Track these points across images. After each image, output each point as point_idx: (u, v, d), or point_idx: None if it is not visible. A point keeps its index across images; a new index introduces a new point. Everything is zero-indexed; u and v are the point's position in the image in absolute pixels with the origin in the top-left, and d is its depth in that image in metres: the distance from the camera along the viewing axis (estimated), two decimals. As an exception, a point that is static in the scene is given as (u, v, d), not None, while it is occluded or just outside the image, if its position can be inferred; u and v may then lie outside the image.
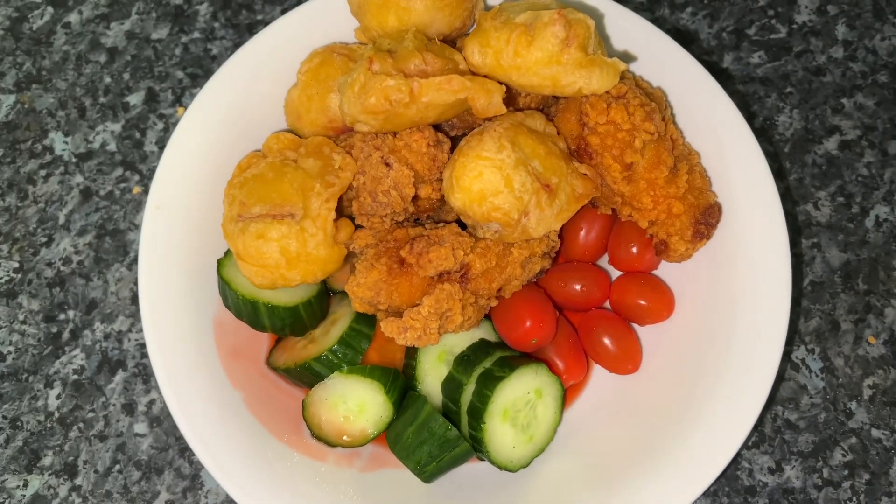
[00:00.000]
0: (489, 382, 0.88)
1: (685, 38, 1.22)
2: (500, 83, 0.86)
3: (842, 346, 1.08)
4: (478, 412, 0.88)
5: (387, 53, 0.84)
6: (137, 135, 1.17)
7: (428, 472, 0.89)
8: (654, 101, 0.93)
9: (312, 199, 0.87)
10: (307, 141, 0.93)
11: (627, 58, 0.97)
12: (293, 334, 0.96)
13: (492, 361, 0.91)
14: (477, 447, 0.89)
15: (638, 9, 1.24)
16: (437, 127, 0.93)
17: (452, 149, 0.93)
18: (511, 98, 0.96)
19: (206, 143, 0.95)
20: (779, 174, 1.15)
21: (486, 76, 0.88)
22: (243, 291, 0.90)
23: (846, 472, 1.02)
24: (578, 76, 0.85)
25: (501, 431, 0.88)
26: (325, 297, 0.98)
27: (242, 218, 0.88)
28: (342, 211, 0.93)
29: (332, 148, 0.91)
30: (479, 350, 0.94)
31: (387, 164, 0.88)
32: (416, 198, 0.91)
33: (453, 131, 0.96)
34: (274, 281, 0.88)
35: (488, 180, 0.84)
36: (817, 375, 1.06)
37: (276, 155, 0.92)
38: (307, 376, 0.92)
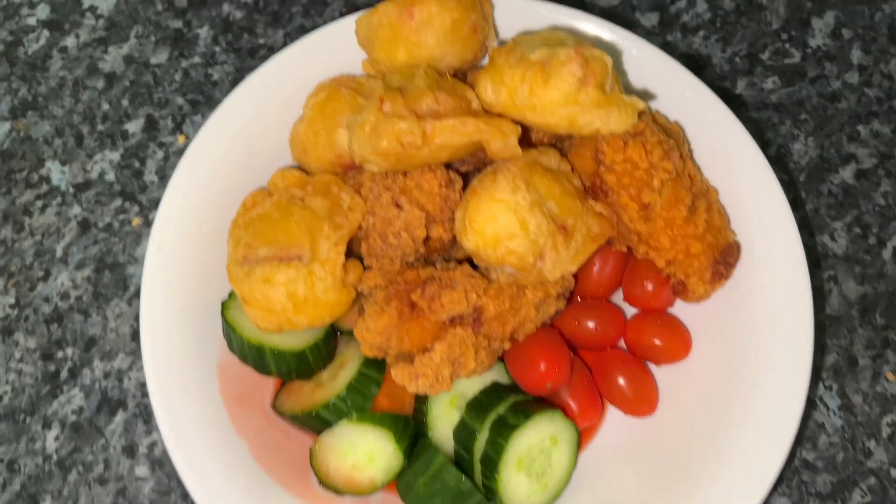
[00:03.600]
0: (503, 431, 0.86)
1: (697, 63, 1.20)
2: (514, 122, 0.84)
3: (860, 383, 1.05)
4: (492, 462, 0.85)
5: (398, 92, 0.81)
6: (137, 164, 1.13)
7: (440, 523, 0.86)
8: (672, 138, 0.91)
9: (321, 242, 0.84)
10: (315, 179, 0.90)
11: (646, 96, 0.94)
12: (300, 378, 0.93)
13: (505, 407, 0.89)
14: (490, 497, 0.86)
15: (649, 33, 1.21)
16: (447, 163, 0.90)
17: (464, 186, 0.90)
18: (523, 130, 0.93)
19: (209, 180, 0.92)
20: (794, 204, 1.12)
21: (499, 114, 0.85)
22: (248, 335, 0.88)
23: (865, 514, 1.00)
24: (596, 116, 0.82)
25: (516, 481, 0.86)
26: (333, 338, 0.95)
27: (248, 260, 0.85)
28: (350, 250, 0.90)
29: (341, 187, 0.89)
30: (491, 394, 0.91)
31: (397, 206, 0.85)
32: (427, 238, 0.88)
33: (464, 167, 0.94)
34: (280, 325, 0.85)
35: (503, 223, 0.81)
36: (835, 413, 1.04)
37: (282, 193, 0.89)
38: (315, 423, 0.89)
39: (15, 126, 1.15)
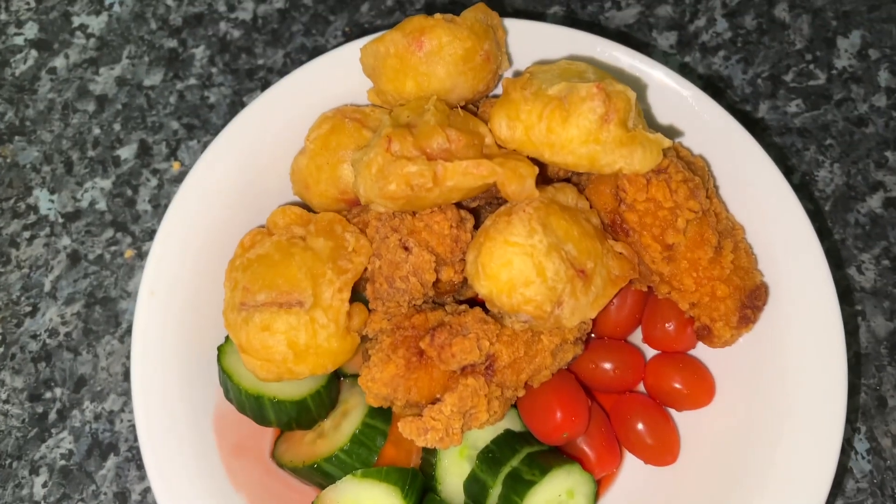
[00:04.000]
0: (518, 486, 0.81)
1: (717, 86, 1.14)
2: (530, 159, 0.78)
3: (889, 425, 1.00)
4: (505, 520, 0.80)
5: (406, 130, 0.76)
6: (129, 192, 1.08)
7: (451, 585, 0.81)
8: (697, 174, 0.85)
9: (324, 288, 0.79)
10: (317, 217, 0.85)
11: (672, 132, 0.89)
12: (300, 428, 0.87)
13: (519, 460, 0.84)
14: (504, 556, 0.81)
15: (666, 53, 1.16)
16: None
17: (475, 223, 0.85)
18: (539, 166, 0.88)
19: (204, 218, 0.87)
20: (819, 234, 1.06)
21: (514, 150, 0.80)
22: (246, 385, 0.82)
23: (897, 565, 0.95)
24: (618, 156, 0.77)
25: (531, 540, 0.81)
26: (335, 383, 0.90)
27: (246, 306, 0.80)
28: (355, 291, 0.85)
29: (345, 227, 0.83)
30: (504, 445, 0.86)
31: (405, 248, 0.80)
32: (436, 281, 0.83)
33: (474, 202, 0.88)
34: (280, 375, 0.80)
35: (518, 269, 0.76)
36: (864, 457, 0.99)
37: (282, 232, 0.84)
38: (317, 477, 0.84)
39: (1, 152, 1.10)
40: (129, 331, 1.02)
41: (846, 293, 1.05)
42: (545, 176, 0.89)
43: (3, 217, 1.07)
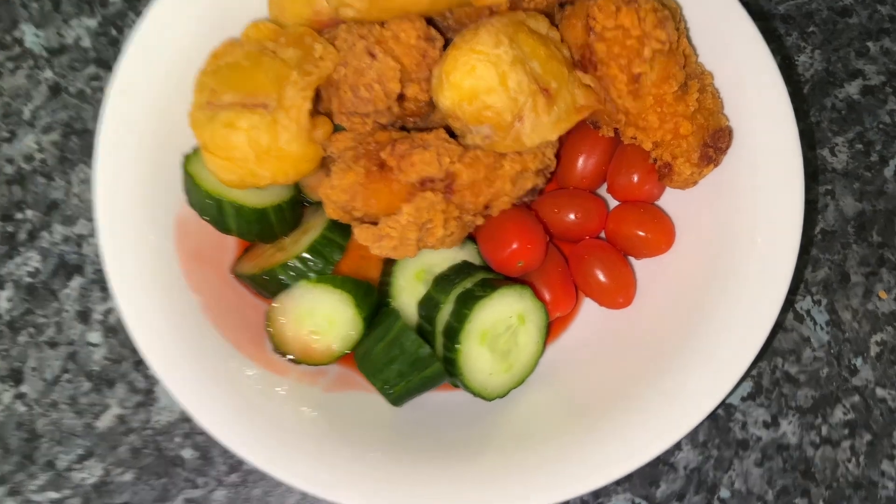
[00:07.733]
0: (468, 301, 0.81)
1: (705, -31, 1.14)
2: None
3: (850, 300, 1.00)
4: (454, 332, 0.81)
5: (378, -71, 0.77)
6: (114, 32, 1.09)
7: (396, 392, 0.82)
8: (668, 10, 0.86)
9: (287, 89, 0.80)
10: (288, 31, 0.85)
11: (642, -47, 0.89)
12: (260, 240, 0.88)
13: (473, 282, 0.84)
14: (451, 370, 0.82)
15: (656, -66, 1.16)
16: (431, 22, 0.85)
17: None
18: (514, 3, 0.88)
19: (179, 31, 0.87)
20: (795, 116, 1.07)
21: (486, -34, 0.81)
22: (208, 187, 0.83)
23: (846, 432, 0.95)
24: (587, -35, 0.78)
25: (477, 354, 0.81)
26: (299, 206, 0.91)
27: (212, 105, 0.81)
28: (322, 111, 0.86)
29: (315, 38, 0.84)
30: (460, 271, 0.87)
31: (371, 55, 0.80)
32: (401, 97, 0.84)
33: (448, 33, 0.89)
34: (242, 177, 0.81)
35: (481, 76, 0.76)
36: (822, 328, 0.99)
37: (254, 45, 0.85)
38: (272, 285, 0.85)
39: (-9, -13, 1.11)
40: (103, 161, 1.03)
41: (818, 173, 1.05)
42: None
43: (-13, 47, 1.08)
